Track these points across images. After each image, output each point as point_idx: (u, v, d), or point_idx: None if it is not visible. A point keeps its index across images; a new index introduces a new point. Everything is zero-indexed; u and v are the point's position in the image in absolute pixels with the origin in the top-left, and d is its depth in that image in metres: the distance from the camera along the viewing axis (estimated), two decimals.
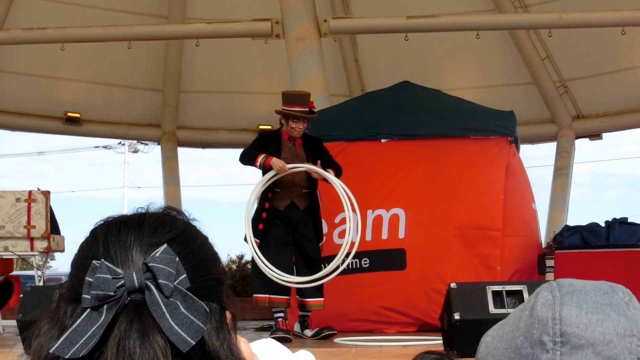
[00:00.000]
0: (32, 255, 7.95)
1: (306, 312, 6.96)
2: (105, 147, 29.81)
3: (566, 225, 8.61)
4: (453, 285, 5.50)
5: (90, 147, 31.08)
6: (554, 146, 13.92)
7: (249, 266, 12.94)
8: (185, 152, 15.97)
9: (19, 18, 12.63)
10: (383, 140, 8.11)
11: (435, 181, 7.87)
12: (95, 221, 1.10)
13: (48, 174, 55.66)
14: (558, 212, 13.18)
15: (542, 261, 8.33)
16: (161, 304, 0.98)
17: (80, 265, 1.04)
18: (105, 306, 0.98)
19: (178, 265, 1.01)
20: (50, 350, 0.98)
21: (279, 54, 11.71)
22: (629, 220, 8.23)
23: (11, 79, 13.62)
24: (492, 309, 5.33)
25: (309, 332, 6.86)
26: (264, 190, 6.84)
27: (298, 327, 6.99)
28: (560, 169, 13.50)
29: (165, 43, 13.66)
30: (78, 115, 13.95)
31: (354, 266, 7.56)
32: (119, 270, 1.00)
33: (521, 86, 13.77)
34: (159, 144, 14.79)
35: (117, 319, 0.98)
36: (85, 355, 0.97)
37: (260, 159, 6.67)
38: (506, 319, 1.04)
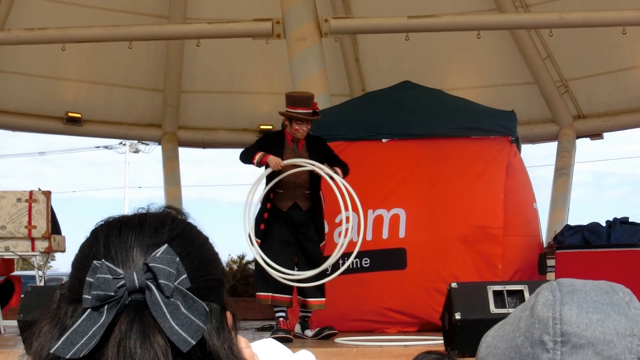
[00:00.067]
0: (33, 255, 7.95)
1: (307, 313, 6.95)
2: (106, 147, 29.80)
3: (567, 225, 8.61)
4: (454, 285, 5.50)
5: (91, 147, 31.08)
6: (554, 146, 13.91)
7: (250, 266, 12.97)
8: (186, 152, 15.99)
9: (19, 18, 12.63)
10: (384, 140, 8.11)
11: (436, 181, 7.87)
12: (96, 221, 1.10)
13: (49, 174, 55.71)
14: (559, 212, 13.17)
15: (543, 261, 8.32)
16: (162, 304, 0.98)
17: (81, 265, 1.04)
18: (105, 306, 0.98)
19: (179, 265, 1.01)
20: (51, 351, 0.98)
21: (279, 54, 11.71)
22: (630, 220, 8.23)
23: (12, 79, 13.61)
24: (493, 309, 5.33)
25: (309, 333, 6.86)
26: (266, 191, 6.86)
27: (299, 328, 6.99)
28: (561, 169, 13.49)
29: (166, 43, 13.66)
30: (79, 115, 13.95)
31: (354, 266, 7.56)
32: (120, 271, 1.00)
33: (522, 86, 13.76)
34: (159, 144, 14.78)
35: (118, 319, 0.98)
36: (86, 356, 0.97)
37: (257, 156, 6.69)
38: (507, 318, 1.04)
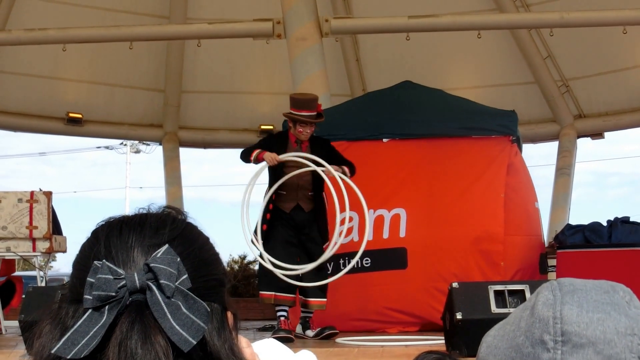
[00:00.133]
0: (34, 255, 7.95)
1: (308, 313, 6.95)
2: (107, 148, 29.80)
3: (568, 224, 8.61)
4: (455, 284, 5.51)
5: (92, 148, 31.09)
6: (555, 145, 13.90)
7: (251, 266, 12.97)
8: (186, 152, 15.94)
9: (20, 19, 12.63)
10: (385, 140, 8.11)
11: (436, 180, 7.87)
12: (97, 222, 1.10)
13: (50, 174, 55.67)
14: (560, 212, 13.17)
15: (544, 260, 8.32)
16: (162, 304, 0.98)
17: (82, 265, 1.04)
18: (106, 307, 0.98)
19: (179, 265, 1.01)
20: (52, 351, 0.98)
21: (280, 54, 11.71)
22: (631, 220, 8.23)
23: (13, 80, 13.61)
24: (494, 309, 5.34)
25: (310, 333, 6.86)
26: (268, 192, 6.86)
27: (300, 328, 6.99)
28: (562, 169, 13.48)
29: (167, 43, 13.66)
30: (80, 115, 13.95)
31: (355, 266, 7.55)
32: (121, 271, 1.00)
33: (523, 85, 13.75)
34: (160, 144, 14.77)
35: (119, 319, 0.98)
36: (87, 356, 0.97)
37: (254, 153, 6.70)
38: (507, 318, 1.04)
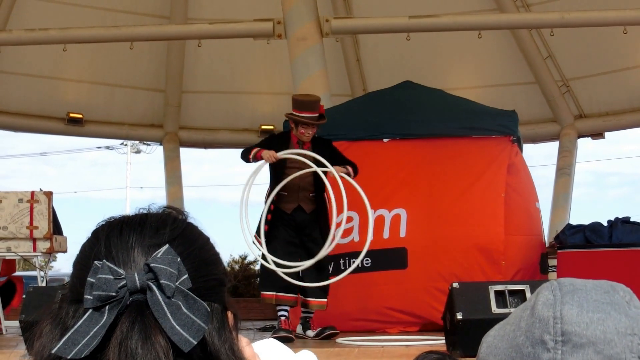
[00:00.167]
0: (35, 255, 7.95)
1: (309, 313, 6.95)
2: (108, 148, 29.79)
3: (568, 224, 8.60)
4: (455, 285, 5.51)
5: (92, 148, 31.07)
6: (556, 145, 13.90)
7: (252, 267, 12.97)
8: (187, 153, 15.93)
9: (21, 19, 12.64)
10: (385, 140, 8.11)
11: (437, 180, 7.87)
12: (97, 222, 1.10)
13: (50, 174, 55.68)
14: (560, 212, 13.17)
15: (545, 260, 8.32)
16: (163, 304, 0.98)
17: (82, 265, 1.04)
18: (107, 307, 0.98)
19: (180, 265, 1.01)
20: (53, 351, 0.98)
21: (280, 54, 11.71)
22: (632, 220, 8.22)
23: (13, 80, 13.62)
24: (495, 309, 5.34)
25: (311, 333, 6.85)
26: (270, 193, 6.86)
27: (300, 328, 6.98)
28: (562, 169, 13.48)
29: (167, 43, 13.66)
30: (80, 115, 13.95)
31: (356, 266, 7.56)
32: (121, 271, 1.00)
33: (523, 85, 13.75)
34: (161, 144, 14.77)
35: (119, 319, 0.98)
36: (87, 356, 0.97)
37: (253, 152, 6.71)
38: (507, 318, 1.04)
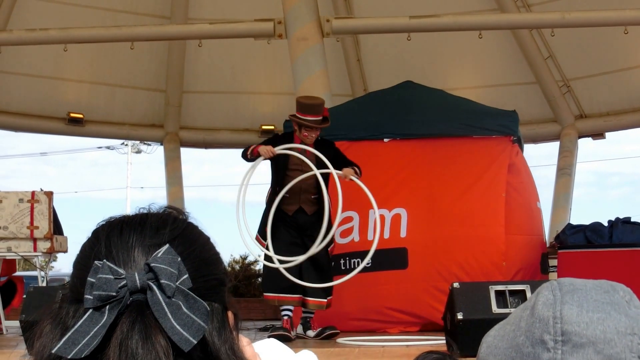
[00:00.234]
0: (35, 255, 7.95)
1: (309, 313, 6.95)
2: (108, 148, 29.78)
3: (569, 224, 8.59)
4: (456, 284, 5.51)
5: (93, 148, 31.08)
6: (556, 145, 13.89)
7: (252, 267, 12.98)
8: (188, 153, 15.94)
9: (21, 19, 12.64)
10: (385, 140, 8.11)
11: (437, 180, 7.87)
12: (98, 221, 1.10)
13: (51, 174, 55.71)
14: (561, 212, 13.16)
15: (546, 260, 8.32)
16: (163, 304, 0.97)
17: (83, 265, 1.04)
18: (107, 306, 0.98)
19: (180, 265, 1.01)
20: (53, 351, 0.98)
21: (281, 54, 11.72)
22: (633, 220, 8.22)
23: (14, 80, 13.62)
24: (495, 309, 5.33)
25: (311, 333, 6.85)
26: (272, 194, 6.86)
27: (301, 329, 6.98)
28: (563, 169, 13.48)
29: (168, 43, 13.66)
30: (81, 115, 13.95)
31: (356, 266, 7.55)
32: (121, 271, 0.99)
33: (524, 85, 13.75)
34: (161, 144, 14.77)
35: (120, 319, 0.98)
36: (87, 356, 0.97)
37: (251, 148, 6.72)
38: (507, 318, 1.04)
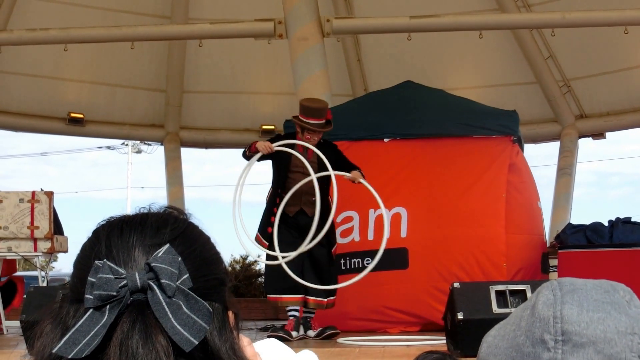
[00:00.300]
0: (36, 255, 7.95)
1: (309, 313, 6.95)
2: (109, 148, 29.79)
3: (569, 224, 8.60)
4: (456, 285, 5.51)
5: (93, 148, 31.10)
6: (557, 145, 13.90)
7: (253, 267, 12.98)
8: (188, 153, 15.93)
9: (21, 19, 12.64)
10: (386, 140, 8.11)
11: (437, 180, 7.87)
12: (98, 221, 1.10)
13: (51, 174, 55.73)
14: (561, 212, 13.16)
15: (546, 260, 8.32)
16: (164, 303, 0.97)
17: (83, 265, 1.04)
18: (107, 306, 0.98)
19: (180, 265, 1.01)
20: (53, 350, 0.98)
21: (282, 54, 11.72)
22: (633, 220, 8.22)
23: (14, 80, 13.62)
24: (496, 309, 5.33)
25: (311, 333, 6.85)
26: (272, 194, 6.86)
27: (301, 329, 6.98)
28: (563, 169, 13.48)
29: (168, 43, 13.66)
30: (81, 115, 13.96)
31: (356, 266, 7.56)
32: (122, 271, 0.99)
33: (524, 85, 13.75)
34: (162, 144, 14.78)
35: (120, 319, 0.98)
36: (88, 356, 0.97)
37: (249, 145, 6.72)
38: (508, 318, 1.04)
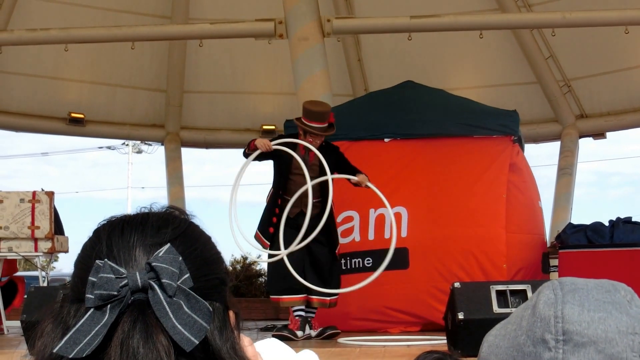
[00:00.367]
0: (36, 255, 7.95)
1: (310, 312, 6.95)
2: (109, 148, 29.85)
3: (570, 224, 8.59)
4: (457, 284, 5.51)
5: (94, 148, 31.18)
6: (557, 145, 13.89)
7: (253, 266, 12.98)
8: (188, 153, 15.94)
9: (22, 19, 12.64)
10: (386, 140, 8.11)
11: (438, 180, 7.87)
12: (99, 221, 1.10)
13: (52, 174, 55.78)
14: (562, 212, 13.16)
15: (547, 260, 8.31)
16: (164, 303, 0.97)
17: (84, 265, 1.04)
18: (108, 306, 0.98)
19: (181, 264, 1.01)
20: (54, 350, 0.98)
21: (282, 54, 11.71)
22: (633, 220, 8.22)
23: (15, 80, 13.62)
24: (496, 309, 5.33)
25: (312, 333, 6.85)
26: (274, 195, 6.85)
27: (307, 329, 6.97)
28: (564, 168, 13.47)
29: (169, 43, 13.66)
30: (82, 115, 13.95)
31: (356, 265, 7.56)
32: (123, 270, 0.99)
33: (524, 85, 13.75)
34: (162, 144, 14.77)
35: (121, 318, 0.98)
36: (89, 355, 0.97)
37: (249, 143, 6.73)
38: (509, 318, 1.04)
